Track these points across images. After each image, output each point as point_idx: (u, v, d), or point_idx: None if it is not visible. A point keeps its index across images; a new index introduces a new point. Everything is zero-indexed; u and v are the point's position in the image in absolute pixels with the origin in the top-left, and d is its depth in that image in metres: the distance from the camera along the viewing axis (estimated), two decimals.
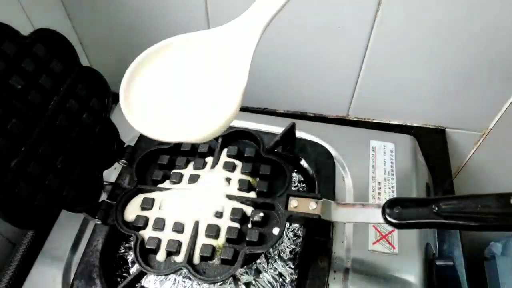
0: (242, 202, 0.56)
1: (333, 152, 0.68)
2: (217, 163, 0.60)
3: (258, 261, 0.57)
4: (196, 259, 0.52)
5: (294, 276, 0.57)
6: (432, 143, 0.81)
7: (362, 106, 0.82)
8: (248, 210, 0.55)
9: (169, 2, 0.70)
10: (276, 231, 0.53)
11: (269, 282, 0.56)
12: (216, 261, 0.52)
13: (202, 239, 0.53)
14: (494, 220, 0.41)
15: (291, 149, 0.67)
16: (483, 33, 0.64)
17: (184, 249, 0.52)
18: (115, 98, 0.77)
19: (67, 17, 0.77)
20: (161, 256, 0.53)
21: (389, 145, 0.69)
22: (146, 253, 0.53)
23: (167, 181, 0.59)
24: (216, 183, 0.58)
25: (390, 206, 0.47)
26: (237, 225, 0.54)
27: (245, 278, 0.56)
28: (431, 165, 0.76)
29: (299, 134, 0.67)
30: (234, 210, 0.55)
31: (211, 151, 0.62)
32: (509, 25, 0.62)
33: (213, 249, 0.52)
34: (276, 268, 0.57)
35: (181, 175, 0.59)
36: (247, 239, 0.52)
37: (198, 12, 0.70)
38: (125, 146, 0.64)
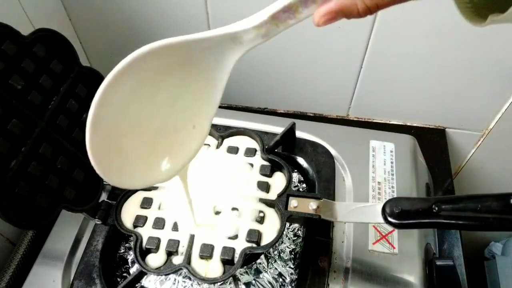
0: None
1: (333, 152, 0.68)
2: (216, 162, 0.60)
3: (258, 261, 0.57)
4: (196, 259, 0.52)
5: (294, 276, 0.57)
6: (432, 143, 0.81)
7: (362, 106, 0.82)
8: (249, 209, 0.55)
9: (169, 1, 0.70)
10: (276, 231, 0.53)
11: (269, 282, 0.56)
12: (216, 261, 0.52)
13: (202, 239, 0.53)
14: (494, 220, 0.41)
15: (291, 149, 0.67)
16: (483, 33, 0.64)
17: (184, 248, 0.52)
18: None
19: (67, 17, 0.77)
20: (161, 256, 0.53)
21: (389, 145, 0.69)
22: (146, 253, 0.53)
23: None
24: (215, 181, 0.58)
25: (390, 206, 0.47)
26: (237, 224, 0.54)
27: (245, 278, 0.56)
28: (431, 165, 0.76)
29: (299, 134, 0.67)
30: (234, 209, 0.55)
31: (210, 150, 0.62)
32: (508, 25, 0.62)
33: (213, 249, 0.52)
34: (276, 268, 0.57)
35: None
36: (247, 239, 0.52)
37: (198, 11, 0.70)
38: None
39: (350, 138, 0.72)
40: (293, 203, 0.54)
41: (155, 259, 0.52)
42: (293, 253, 0.59)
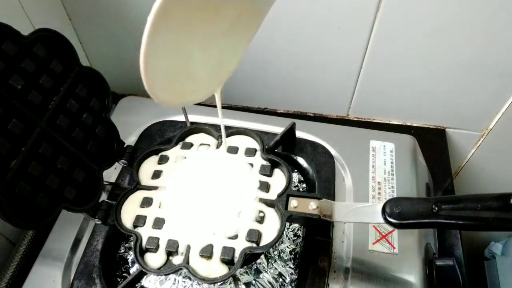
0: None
1: (333, 152, 0.68)
2: (217, 161, 0.60)
3: (258, 261, 0.57)
4: (196, 259, 0.52)
5: (294, 276, 0.57)
6: (432, 143, 0.81)
7: (362, 106, 0.82)
8: (249, 209, 0.55)
9: None
10: (276, 231, 0.53)
11: (269, 282, 0.56)
12: (216, 260, 0.52)
13: (202, 238, 0.53)
14: (494, 220, 0.41)
15: (291, 149, 0.67)
16: (483, 33, 0.64)
17: (183, 248, 0.52)
18: (115, 98, 0.78)
19: (67, 17, 0.77)
20: (160, 256, 0.53)
21: (389, 145, 0.69)
22: (146, 253, 0.53)
23: (167, 180, 0.59)
24: (215, 181, 0.58)
25: (390, 206, 0.47)
26: (237, 224, 0.54)
27: (245, 278, 0.56)
28: (431, 165, 0.76)
29: (299, 134, 0.67)
30: (234, 209, 0.55)
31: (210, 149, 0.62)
32: (508, 25, 0.62)
33: (213, 249, 0.52)
34: (276, 268, 0.57)
35: (181, 174, 0.59)
36: (247, 239, 0.52)
37: None
38: (125, 146, 0.64)
39: (350, 138, 0.72)
40: (293, 203, 0.54)
41: (155, 259, 0.52)
42: (293, 253, 0.59)
